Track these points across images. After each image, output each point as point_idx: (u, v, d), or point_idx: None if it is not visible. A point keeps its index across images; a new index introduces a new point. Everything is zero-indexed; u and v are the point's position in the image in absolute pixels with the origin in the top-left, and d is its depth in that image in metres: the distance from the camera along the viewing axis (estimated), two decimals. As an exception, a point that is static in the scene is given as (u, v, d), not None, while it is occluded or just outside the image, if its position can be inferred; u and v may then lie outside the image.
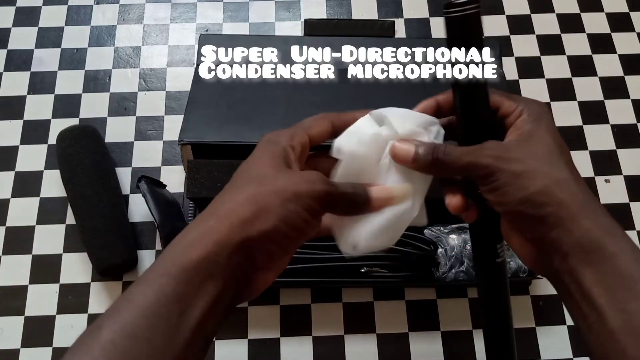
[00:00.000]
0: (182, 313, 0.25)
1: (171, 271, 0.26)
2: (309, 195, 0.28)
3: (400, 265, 0.54)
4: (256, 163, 0.31)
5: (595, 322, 0.27)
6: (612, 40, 0.70)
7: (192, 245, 0.27)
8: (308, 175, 0.29)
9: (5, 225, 0.59)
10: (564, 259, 0.29)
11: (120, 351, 0.24)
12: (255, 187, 0.29)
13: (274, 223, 0.27)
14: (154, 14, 0.71)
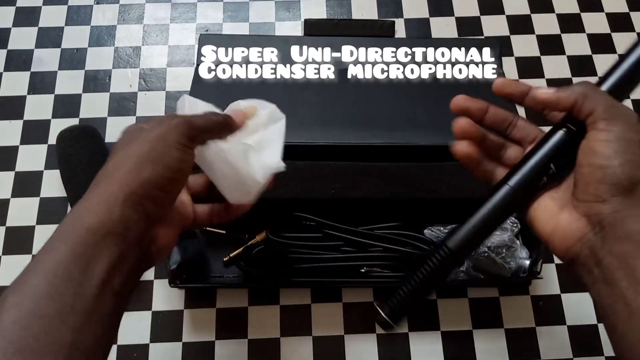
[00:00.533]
0: (84, 271, 0.26)
1: (71, 236, 0.27)
2: (171, 131, 0.30)
3: (400, 265, 0.54)
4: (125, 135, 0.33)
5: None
6: (612, 40, 0.70)
7: (86, 208, 0.28)
8: (168, 118, 0.31)
9: (5, 225, 0.59)
10: (620, 242, 0.28)
11: (26, 310, 0.24)
12: (134, 145, 0.30)
13: (151, 169, 0.29)
14: (154, 14, 0.71)
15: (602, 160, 0.29)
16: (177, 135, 0.30)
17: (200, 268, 0.56)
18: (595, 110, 0.30)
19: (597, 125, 0.29)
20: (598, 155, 0.29)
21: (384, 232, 0.54)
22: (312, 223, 0.53)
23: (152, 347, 0.54)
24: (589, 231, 0.30)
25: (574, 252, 0.30)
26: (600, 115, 0.29)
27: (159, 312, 0.56)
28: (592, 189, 0.29)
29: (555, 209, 0.32)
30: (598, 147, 0.29)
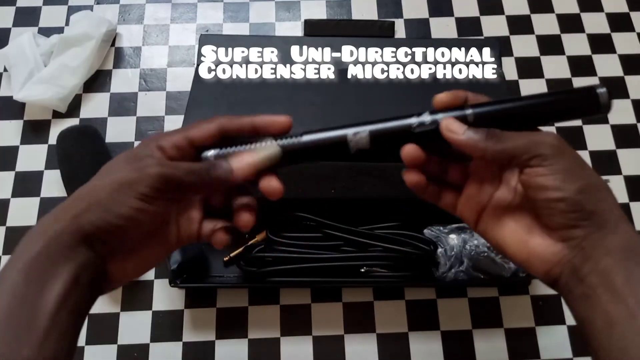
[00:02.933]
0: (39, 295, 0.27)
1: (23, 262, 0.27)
2: (137, 181, 0.29)
3: (400, 265, 0.54)
4: (113, 161, 0.32)
5: (622, 320, 0.27)
6: (612, 40, 0.70)
7: (41, 233, 0.28)
8: (142, 162, 0.30)
9: (6, 225, 0.59)
10: (600, 260, 0.29)
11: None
12: (95, 181, 0.30)
13: (100, 214, 0.29)
14: (154, 14, 0.71)
15: (555, 193, 0.29)
16: (145, 187, 0.29)
17: (200, 268, 0.56)
18: (516, 154, 0.30)
19: (529, 163, 0.30)
20: (549, 190, 0.29)
21: (384, 232, 0.54)
22: (312, 223, 0.53)
23: (152, 347, 0.54)
24: (568, 253, 0.30)
25: (554, 274, 0.31)
26: (525, 156, 0.30)
27: (159, 312, 0.56)
28: (560, 219, 0.30)
29: (522, 233, 0.32)
30: (545, 182, 0.29)
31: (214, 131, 0.32)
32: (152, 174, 0.29)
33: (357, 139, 0.33)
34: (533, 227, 0.32)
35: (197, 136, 0.32)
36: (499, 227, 0.33)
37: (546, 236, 0.31)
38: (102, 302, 0.55)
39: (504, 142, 0.30)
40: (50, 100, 0.61)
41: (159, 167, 0.29)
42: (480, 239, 0.54)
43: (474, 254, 0.53)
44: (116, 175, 0.29)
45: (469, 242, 0.53)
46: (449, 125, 0.32)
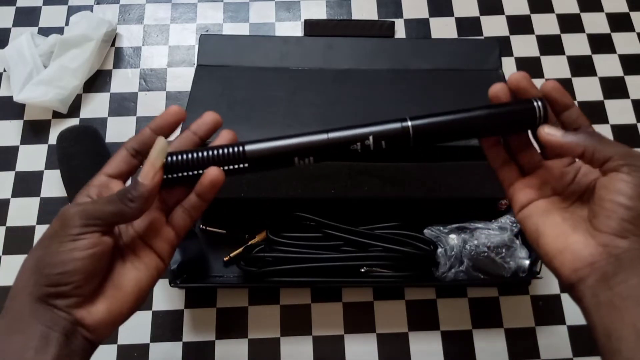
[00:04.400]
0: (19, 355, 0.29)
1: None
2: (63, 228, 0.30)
3: (400, 265, 0.54)
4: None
5: None
6: (612, 40, 0.70)
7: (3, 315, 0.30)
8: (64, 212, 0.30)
9: (6, 225, 0.59)
10: (635, 274, 0.29)
11: None
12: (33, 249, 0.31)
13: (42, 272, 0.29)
14: (154, 14, 0.71)
15: (626, 200, 0.30)
16: (72, 228, 0.30)
17: (200, 268, 0.56)
18: (611, 158, 0.31)
19: (619, 169, 0.31)
20: (623, 195, 0.30)
21: (384, 232, 0.54)
22: (312, 223, 0.53)
23: (152, 347, 0.54)
24: (604, 259, 0.30)
25: (582, 274, 0.31)
26: (619, 162, 0.31)
27: (159, 312, 0.56)
28: (615, 224, 0.30)
29: (566, 228, 0.33)
30: (623, 187, 0.30)
31: (124, 157, 0.34)
32: (72, 214, 0.30)
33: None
34: (580, 225, 0.32)
35: (111, 169, 0.33)
36: (545, 218, 0.34)
37: (589, 237, 0.31)
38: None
39: (604, 144, 0.31)
40: (51, 101, 0.61)
41: (77, 206, 0.30)
42: (480, 239, 0.54)
43: (474, 254, 0.53)
44: (46, 234, 0.31)
45: (469, 242, 0.53)
46: (547, 130, 0.33)
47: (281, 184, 0.52)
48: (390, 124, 0.34)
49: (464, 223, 0.55)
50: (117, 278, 0.32)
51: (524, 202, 0.35)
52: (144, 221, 0.34)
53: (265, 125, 0.55)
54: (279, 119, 0.56)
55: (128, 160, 0.34)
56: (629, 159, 0.30)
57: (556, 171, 0.35)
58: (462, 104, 0.60)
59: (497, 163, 0.37)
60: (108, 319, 0.31)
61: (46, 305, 0.29)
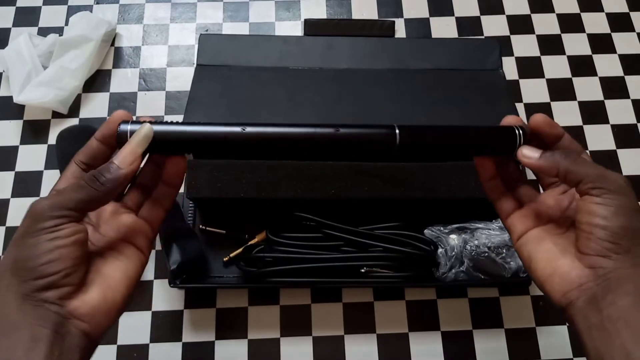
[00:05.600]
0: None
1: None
2: (35, 222, 0.29)
3: (400, 265, 0.54)
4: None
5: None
6: (612, 40, 0.70)
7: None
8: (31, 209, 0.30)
9: (5, 225, 0.59)
10: (624, 295, 0.29)
11: None
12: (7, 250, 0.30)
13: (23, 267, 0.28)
14: (153, 13, 0.71)
15: (601, 221, 0.31)
16: (45, 221, 0.29)
17: (200, 268, 0.56)
18: (583, 180, 0.32)
19: (590, 191, 0.31)
20: (597, 216, 0.31)
21: (384, 232, 0.54)
22: (312, 223, 0.53)
23: (152, 347, 0.54)
24: (591, 280, 0.31)
25: (572, 296, 0.31)
26: (591, 183, 0.31)
27: (159, 312, 0.56)
28: (595, 245, 0.31)
29: (557, 253, 0.33)
30: (597, 209, 0.31)
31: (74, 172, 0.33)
32: (42, 209, 0.29)
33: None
34: (568, 250, 0.33)
35: (63, 186, 0.33)
36: (537, 244, 0.35)
37: (576, 260, 0.32)
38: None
39: (578, 165, 0.32)
40: (51, 102, 0.61)
41: (44, 200, 0.30)
42: (480, 239, 0.53)
43: (474, 254, 0.53)
44: (16, 234, 0.30)
45: (469, 243, 0.53)
46: (525, 151, 0.34)
47: (281, 184, 0.52)
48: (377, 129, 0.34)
49: (464, 223, 0.55)
50: (102, 269, 0.32)
51: (521, 231, 0.36)
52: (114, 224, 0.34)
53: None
54: (279, 118, 0.56)
55: (79, 175, 0.33)
56: (598, 181, 0.31)
57: (551, 200, 0.36)
58: (462, 103, 0.61)
59: (494, 195, 0.38)
60: (104, 306, 0.31)
61: (34, 301, 0.28)
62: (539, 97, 0.67)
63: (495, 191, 0.38)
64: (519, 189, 0.38)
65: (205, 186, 0.52)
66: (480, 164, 0.38)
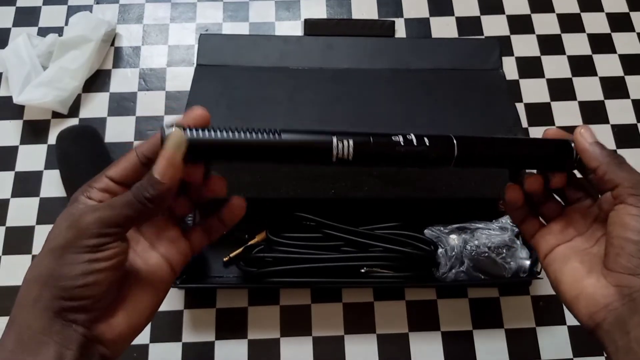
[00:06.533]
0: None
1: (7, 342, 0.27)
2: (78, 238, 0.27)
3: (400, 265, 0.53)
4: (53, 227, 0.30)
5: None
6: (612, 40, 0.70)
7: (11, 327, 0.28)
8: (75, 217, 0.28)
9: (5, 225, 0.59)
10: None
11: None
12: (40, 257, 0.29)
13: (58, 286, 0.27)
14: (153, 13, 0.71)
15: (634, 235, 0.29)
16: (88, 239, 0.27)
17: (200, 268, 0.56)
18: (621, 184, 0.30)
19: (626, 199, 0.30)
20: (631, 230, 0.29)
21: (384, 232, 0.54)
22: (312, 223, 0.53)
23: (152, 347, 0.54)
24: (617, 300, 0.30)
25: (598, 318, 0.30)
26: (628, 190, 0.30)
27: (159, 313, 0.55)
28: (625, 262, 0.29)
29: (582, 272, 0.32)
30: (631, 222, 0.29)
31: (132, 162, 0.31)
32: (88, 224, 0.27)
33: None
34: (594, 268, 0.32)
35: (115, 173, 0.31)
36: (564, 264, 0.33)
37: (602, 278, 0.31)
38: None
39: (620, 168, 0.30)
40: (51, 103, 0.61)
41: (91, 213, 0.28)
42: (481, 239, 0.53)
43: (474, 254, 0.53)
44: (56, 242, 0.28)
45: (469, 243, 0.53)
46: (584, 130, 0.32)
47: (281, 184, 0.52)
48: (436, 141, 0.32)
49: (464, 223, 0.55)
50: (133, 292, 0.30)
51: (546, 250, 0.35)
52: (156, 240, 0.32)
53: (265, 125, 0.55)
54: (279, 118, 0.56)
55: (136, 168, 0.31)
56: (637, 188, 0.29)
57: (577, 214, 0.35)
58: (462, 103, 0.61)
59: (519, 218, 0.37)
60: (127, 332, 0.30)
61: (63, 320, 0.27)
62: (539, 97, 0.67)
63: (521, 214, 0.37)
64: (544, 206, 0.36)
65: (205, 186, 0.52)
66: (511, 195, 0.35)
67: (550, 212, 0.36)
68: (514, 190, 0.35)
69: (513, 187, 0.35)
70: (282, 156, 0.31)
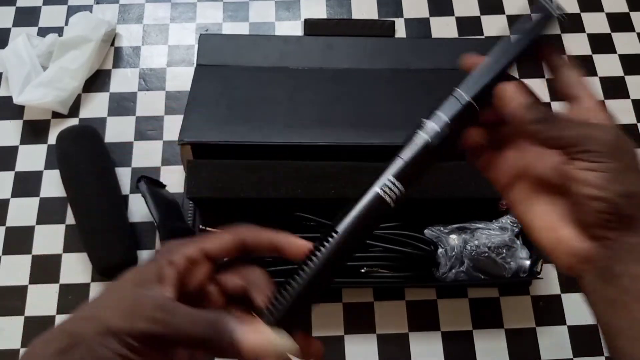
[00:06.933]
0: None
1: None
2: (124, 331, 0.25)
3: (400, 265, 0.53)
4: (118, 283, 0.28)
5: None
6: (612, 40, 0.70)
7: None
8: (138, 304, 0.26)
9: (5, 225, 0.59)
10: (634, 264, 0.27)
11: None
12: (81, 312, 0.27)
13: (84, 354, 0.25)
14: (153, 13, 0.71)
15: (596, 191, 0.27)
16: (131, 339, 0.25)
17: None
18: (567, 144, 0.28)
19: (578, 156, 0.28)
20: (589, 186, 0.27)
21: (384, 232, 0.54)
22: (312, 223, 0.53)
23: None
24: (598, 252, 0.28)
25: (579, 270, 0.29)
26: (576, 147, 0.28)
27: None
28: (593, 218, 0.28)
29: (555, 219, 0.30)
30: (588, 177, 0.27)
31: (232, 245, 0.30)
32: (141, 328, 0.25)
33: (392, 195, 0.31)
34: (567, 215, 0.30)
35: (212, 249, 0.29)
36: (531, 205, 0.31)
37: (578, 229, 0.29)
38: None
39: (556, 129, 0.28)
40: (51, 103, 0.61)
41: (147, 322, 0.25)
42: (481, 239, 0.53)
43: (474, 254, 0.53)
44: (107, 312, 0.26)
45: (469, 243, 0.53)
46: (505, 90, 0.30)
47: (281, 184, 0.52)
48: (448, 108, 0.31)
49: (464, 223, 0.55)
50: None
51: (505, 183, 0.33)
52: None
53: (265, 125, 0.55)
54: (279, 118, 0.56)
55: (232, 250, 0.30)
56: (584, 143, 0.27)
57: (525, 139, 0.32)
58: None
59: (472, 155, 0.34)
60: None
61: None
62: (539, 97, 0.67)
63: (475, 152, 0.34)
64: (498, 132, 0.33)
65: (205, 186, 0.52)
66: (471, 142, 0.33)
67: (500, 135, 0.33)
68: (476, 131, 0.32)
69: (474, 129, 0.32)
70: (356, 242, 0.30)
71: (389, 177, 0.30)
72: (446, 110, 0.31)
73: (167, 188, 0.59)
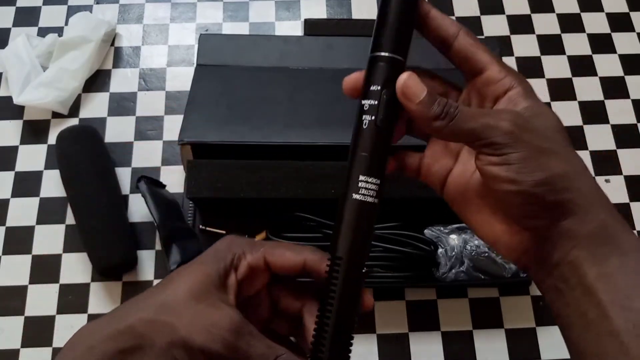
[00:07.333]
0: None
1: None
2: (199, 348, 0.25)
3: (400, 265, 0.53)
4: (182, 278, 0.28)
5: (595, 319, 0.26)
6: (612, 40, 0.70)
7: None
8: (215, 322, 0.25)
9: (5, 225, 0.59)
10: (570, 251, 0.26)
11: None
12: (152, 313, 0.26)
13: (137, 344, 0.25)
14: (153, 13, 0.71)
15: (510, 186, 0.25)
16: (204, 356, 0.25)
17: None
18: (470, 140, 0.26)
19: (482, 150, 0.26)
20: (502, 182, 0.26)
21: (384, 232, 0.54)
22: (312, 223, 0.53)
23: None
24: (534, 243, 0.27)
25: (522, 263, 0.29)
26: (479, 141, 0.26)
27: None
28: (517, 211, 0.27)
29: (488, 214, 0.29)
30: (499, 172, 0.25)
31: (297, 265, 0.29)
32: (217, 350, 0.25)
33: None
34: (497, 210, 0.28)
35: (276, 265, 0.29)
36: (464, 202, 0.30)
37: (509, 223, 0.28)
38: (102, 302, 0.55)
39: (456, 124, 0.26)
40: (51, 103, 0.61)
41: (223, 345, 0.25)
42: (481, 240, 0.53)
43: (474, 254, 0.53)
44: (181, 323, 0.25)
45: (469, 243, 0.53)
46: (407, 87, 0.27)
47: (281, 184, 0.52)
48: None
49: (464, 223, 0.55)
50: None
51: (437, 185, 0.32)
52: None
53: (265, 125, 0.55)
54: (279, 118, 0.56)
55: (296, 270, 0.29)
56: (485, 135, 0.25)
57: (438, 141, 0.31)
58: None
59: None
60: None
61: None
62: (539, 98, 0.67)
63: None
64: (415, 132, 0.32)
65: (205, 186, 0.52)
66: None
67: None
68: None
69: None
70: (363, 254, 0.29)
71: (359, 178, 0.29)
72: (375, 80, 0.30)
73: (167, 188, 0.59)
